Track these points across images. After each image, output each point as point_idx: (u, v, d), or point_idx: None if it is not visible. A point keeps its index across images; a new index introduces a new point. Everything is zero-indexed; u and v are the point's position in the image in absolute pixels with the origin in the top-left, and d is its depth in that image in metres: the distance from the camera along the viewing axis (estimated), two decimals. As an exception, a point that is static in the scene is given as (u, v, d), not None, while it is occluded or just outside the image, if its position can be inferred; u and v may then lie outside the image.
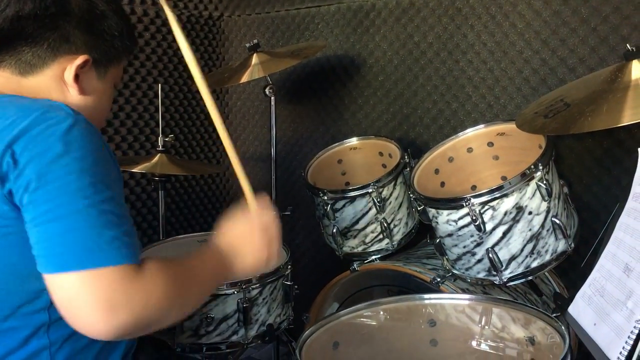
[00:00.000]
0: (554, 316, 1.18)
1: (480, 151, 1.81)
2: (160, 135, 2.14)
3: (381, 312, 1.35)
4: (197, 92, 2.81)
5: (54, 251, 0.91)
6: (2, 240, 0.96)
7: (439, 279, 1.64)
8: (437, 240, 1.65)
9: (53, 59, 1.08)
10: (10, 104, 1.01)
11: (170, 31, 2.54)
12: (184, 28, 2.59)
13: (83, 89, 1.12)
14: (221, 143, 1.27)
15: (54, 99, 1.07)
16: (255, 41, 2.13)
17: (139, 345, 1.24)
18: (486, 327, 1.31)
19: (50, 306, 0.99)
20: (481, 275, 1.58)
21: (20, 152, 0.93)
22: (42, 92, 1.08)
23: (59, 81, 1.10)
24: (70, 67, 1.09)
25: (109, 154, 1.02)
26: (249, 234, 1.19)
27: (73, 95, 1.11)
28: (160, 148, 2.12)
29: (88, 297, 0.89)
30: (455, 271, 1.64)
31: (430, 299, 1.35)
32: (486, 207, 1.49)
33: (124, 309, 0.91)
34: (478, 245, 1.54)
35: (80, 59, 1.09)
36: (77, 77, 1.10)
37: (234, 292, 1.64)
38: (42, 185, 0.92)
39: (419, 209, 1.67)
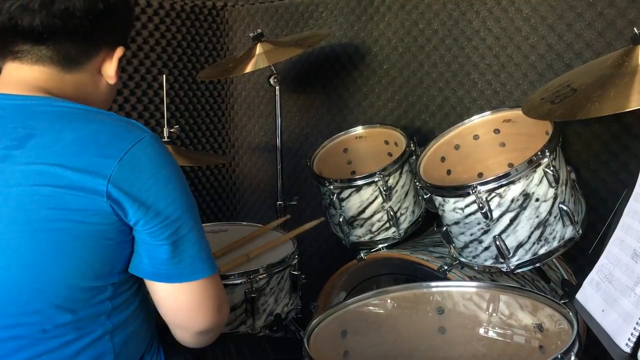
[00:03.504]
0: (562, 303, 1.18)
1: (487, 138, 1.80)
2: (166, 126, 2.13)
3: (389, 301, 1.35)
4: (202, 82, 2.81)
5: (183, 265, 1.05)
6: (95, 242, 1.01)
7: (446, 267, 1.64)
8: (444, 229, 1.65)
9: (96, 53, 1.11)
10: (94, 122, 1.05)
11: (173, 22, 2.55)
12: (187, 18, 2.60)
13: (114, 80, 1.17)
14: (227, 133, 1.31)
15: (89, 92, 1.13)
16: (259, 31, 2.12)
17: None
18: (494, 314, 1.31)
19: (112, 297, 1.07)
20: (488, 262, 1.58)
21: (123, 178, 0.99)
22: (81, 86, 1.12)
23: (95, 74, 1.13)
24: (111, 60, 1.14)
25: None
26: None
27: (104, 86, 1.16)
28: (166, 139, 2.12)
29: (205, 300, 1.09)
30: (462, 259, 1.64)
31: (438, 286, 1.35)
32: (493, 194, 1.48)
33: (225, 308, 1.14)
34: (485, 232, 1.53)
35: (119, 52, 1.14)
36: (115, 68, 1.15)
37: (241, 282, 1.64)
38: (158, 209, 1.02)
39: (425, 197, 1.67)
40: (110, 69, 1.14)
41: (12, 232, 0.98)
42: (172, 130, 2.13)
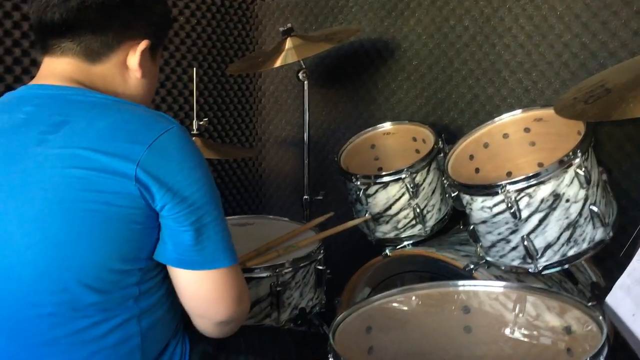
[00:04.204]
0: (590, 305, 1.16)
1: (517, 137, 1.78)
2: (195, 119, 2.15)
3: (414, 298, 1.34)
4: (231, 75, 2.83)
5: (205, 252, 1.08)
6: (124, 226, 1.04)
7: (472, 266, 1.63)
8: (471, 227, 1.64)
9: (118, 45, 1.14)
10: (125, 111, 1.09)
11: (204, 15, 2.57)
12: (217, 12, 2.62)
13: (143, 73, 1.18)
14: (254, 127, 1.34)
15: (118, 85, 1.16)
16: (288, 25, 2.12)
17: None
18: (520, 315, 1.29)
19: (139, 282, 1.09)
20: (515, 263, 1.57)
21: (152, 165, 1.02)
22: (109, 79, 1.15)
23: (122, 67, 1.16)
24: (134, 53, 1.16)
25: None
26: None
27: (133, 79, 1.19)
28: (195, 132, 2.14)
29: (226, 290, 1.12)
30: (489, 258, 1.63)
31: (464, 285, 1.34)
32: (522, 194, 1.47)
33: (245, 300, 1.16)
34: (513, 232, 1.52)
35: (143, 44, 1.16)
36: (139, 62, 1.16)
37: (267, 275, 1.65)
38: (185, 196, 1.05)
39: (452, 195, 1.66)
40: (132, 62, 1.16)
41: (44, 211, 1.02)
42: (201, 122, 2.15)
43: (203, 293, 1.12)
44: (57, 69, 1.13)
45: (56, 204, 1.01)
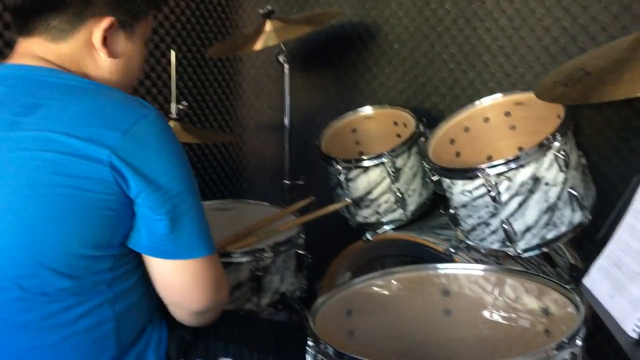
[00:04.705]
0: (569, 287, 1.17)
1: (497, 121, 1.78)
2: (173, 103, 2.12)
3: (394, 282, 1.34)
4: (211, 59, 2.79)
5: (180, 241, 1.07)
6: (96, 212, 1.02)
7: (452, 250, 1.63)
8: (452, 211, 1.64)
9: (80, 23, 1.10)
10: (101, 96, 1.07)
11: (183, -3, 2.53)
12: (197, -6, 2.58)
13: (112, 52, 1.15)
14: (234, 111, 1.32)
15: (88, 66, 1.13)
16: (269, 7, 2.09)
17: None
18: (499, 297, 1.30)
19: (112, 268, 1.08)
20: (495, 246, 1.57)
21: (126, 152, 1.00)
22: (77, 59, 1.12)
23: (89, 47, 1.13)
24: (97, 30, 1.11)
25: None
26: None
27: (104, 60, 1.15)
28: (174, 116, 2.11)
29: (202, 279, 1.11)
30: (469, 242, 1.64)
31: (444, 269, 1.35)
32: (502, 177, 1.47)
33: (223, 289, 1.17)
34: (493, 216, 1.52)
35: (105, 22, 1.11)
36: (105, 40, 1.12)
37: (247, 260, 1.64)
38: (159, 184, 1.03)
39: (433, 179, 1.66)
40: (95, 40, 1.12)
41: (15, 195, 1.00)
42: (180, 107, 2.12)
43: (178, 283, 1.11)
44: (29, 49, 1.11)
45: (27, 188, 1.00)
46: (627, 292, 1.03)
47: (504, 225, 1.51)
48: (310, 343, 1.07)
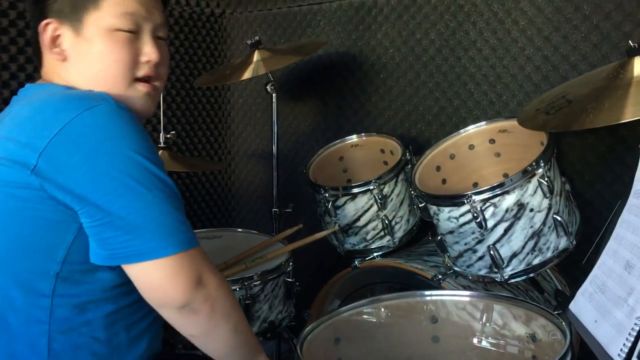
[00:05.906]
0: (556, 313, 1.18)
1: (482, 148, 1.80)
2: (162, 132, 2.13)
3: (382, 309, 1.34)
4: (200, 88, 2.81)
5: (138, 242, 0.98)
6: (27, 221, 0.99)
7: (440, 276, 1.64)
8: (439, 238, 1.65)
9: (37, 34, 1.12)
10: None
11: (172, 28, 2.55)
12: (185, 25, 2.61)
13: (63, 55, 1.11)
14: (223, 140, 1.30)
15: (59, 73, 1.11)
16: (256, 38, 2.12)
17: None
18: (487, 324, 1.31)
19: (57, 275, 1.02)
20: (482, 272, 1.58)
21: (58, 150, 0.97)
22: (49, 71, 1.14)
23: (51, 56, 1.13)
24: (41, 35, 1.12)
25: None
26: None
27: (68, 66, 1.11)
28: (162, 145, 2.12)
29: (178, 275, 1.01)
30: (456, 268, 1.64)
31: (432, 295, 1.35)
32: (487, 204, 1.48)
33: (209, 282, 1.04)
34: (479, 242, 1.53)
35: (43, 24, 1.10)
36: (53, 43, 1.10)
37: (236, 288, 1.64)
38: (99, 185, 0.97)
39: (420, 206, 1.67)
40: (43, 46, 1.12)
41: None
42: (168, 135, 2.13)
43: (153, 283, 1.02)
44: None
45: None
46: (611, 317, 1.04)
47: (490, 251, 1.52)
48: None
